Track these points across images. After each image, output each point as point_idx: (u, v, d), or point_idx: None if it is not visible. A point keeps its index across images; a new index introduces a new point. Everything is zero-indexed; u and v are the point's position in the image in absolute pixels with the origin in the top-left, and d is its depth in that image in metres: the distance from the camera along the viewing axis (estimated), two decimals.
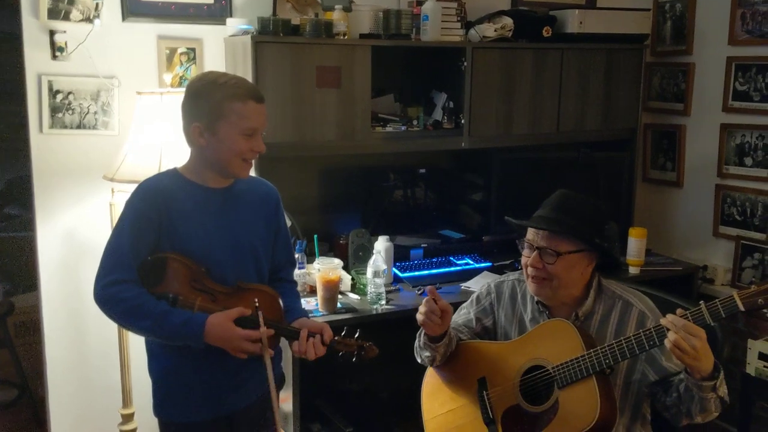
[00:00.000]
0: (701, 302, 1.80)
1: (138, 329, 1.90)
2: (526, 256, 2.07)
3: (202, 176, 1.99)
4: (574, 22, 3.37)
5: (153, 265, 1.91)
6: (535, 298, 2.13)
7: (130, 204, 1.95)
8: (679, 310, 1.82)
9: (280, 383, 2.23)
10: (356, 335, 2.06)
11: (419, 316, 2.08)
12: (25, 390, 3.67)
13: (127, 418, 2.99)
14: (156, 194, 1.94)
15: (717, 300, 1.78)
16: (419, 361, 2.25)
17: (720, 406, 1.86)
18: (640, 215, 3.84)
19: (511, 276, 2.26)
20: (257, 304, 1.88)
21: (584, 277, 2.07)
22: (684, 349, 1.75)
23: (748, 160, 3.45)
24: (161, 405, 2.03)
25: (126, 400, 2.98)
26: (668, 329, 1.79)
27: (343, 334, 2.05)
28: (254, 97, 1.94)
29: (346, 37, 2.97)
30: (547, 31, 3.36)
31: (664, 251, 3.72)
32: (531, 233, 2.07)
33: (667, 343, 1.78)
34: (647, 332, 1.85)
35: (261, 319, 1.87)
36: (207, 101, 1.92)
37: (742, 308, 1.73)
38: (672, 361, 1.94)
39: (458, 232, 3.56)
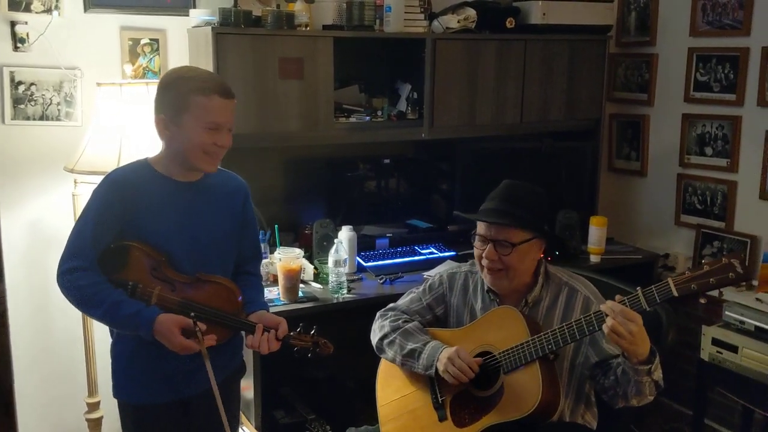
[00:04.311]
0: (638, 288, 1.85)
1: (93, 316, 1.95)
2: (480, 249, 2.11)
3: (169, 169, 2.02)
4: (538, 13, 3.40)
5: (115, 252, 1.95)
6: (486, 287, 2.17)
7: (96, 194, 1.98)
8: (618, 296, 1.87)
9: (240, 372, 2.27)
10: (312, 332, 2.09)
11: (446, 375, 2.01)
12: None
13: (93, 406, 3.02)
14: (123, 186, 1.97)
15: (653, 286, 1.83)
16: (380, 353, 2.28)
17: (654, 390, 1.91)
18: (606, 204, 3.89)
19: (463, 267, 2.30)
20: (193, 318, 1.90)
21: (534, 264, 2.12)
22: (621, 334, 1.80)
23: (709, 150, 3.51)
24: (119, 387, 2.08)
25: (91, 389, 3.01)
26: (606, 315, 1.84)
27: (298, 330, 2.08)
28: (220, 92, 1.95)
29: (308, 28, 3.00)
30: (510, 23, 3.40)
31: (629, 240, 3.78)
32: (482, 227, 2.10)
33: (604, 328, 1.83)
34: (587, 318, 1.90)
35: (199, 334, 1.89)
36: (173, 94, 1.95)
37: (675, 294, 1.78)
38: (612, 343, 1.99)
39: (426, 222, 3.60)
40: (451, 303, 2.28)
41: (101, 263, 1.92)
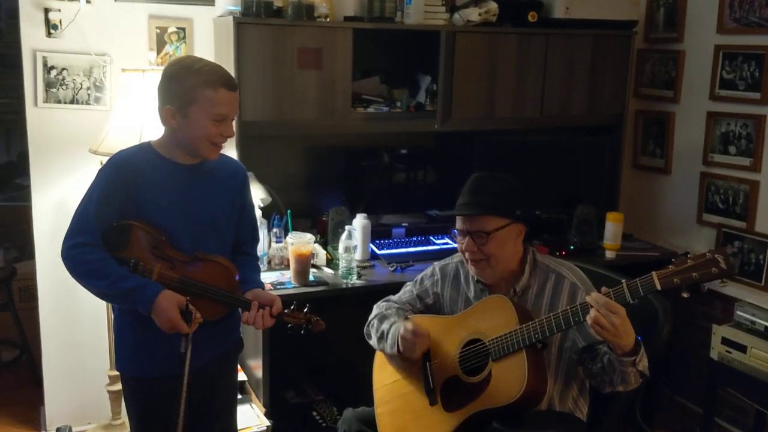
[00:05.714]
0: (623, 281, 1.87)
1: (95, 288, 2.02)
2: (461, 243, 2.17)
3: (172, 153, 2.10)
4: (561, 7, 3.39)
5: (118, 230, 2.04)
6: (476, 278, 2.21)
7: (101, 174, 2.08)
8: (603, 288, 1.89)
9: (238, 348, 2.36)
10: (305, 309, 2.18)
11: (405, 353, 2.16)
12: (24, 350, 3.88)
13: (114, 379, 3.15)
14: (126, 168, 2.06)
15: (637, 279, 1.84)
16: (368, 339, 2.36)
17: (640, 378, 1.93)
18: (628, 201, 3.88)
19: (456, 258, 2.35)
20: (188, 303, 1.97)
21: (517, 251, 2.17)
22: (604, 326, 1.82)
23: (732, 149, 3.46)
24: (120, 359, 2.19)
25: (113, 363, 3.14)
26: (591, 306, 1.86)
27: (292, 307, 2.17)
28: (226, 85, 2.02)
29: (328, 19, 3.06)
30: (532, 17, 3.40)
31: (650, 237, 3.76)
32: (459, 221, 2.17)
33: (588, 319, 1.85)
34: (573, 309, 1.93)
35: (194, 316, 1.97)
36: (180, 86, 2.01)
37: (659, 287, 1.80)
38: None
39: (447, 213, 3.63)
40: (444, 293, 2.33)
41: (104, 241, 2.01)
